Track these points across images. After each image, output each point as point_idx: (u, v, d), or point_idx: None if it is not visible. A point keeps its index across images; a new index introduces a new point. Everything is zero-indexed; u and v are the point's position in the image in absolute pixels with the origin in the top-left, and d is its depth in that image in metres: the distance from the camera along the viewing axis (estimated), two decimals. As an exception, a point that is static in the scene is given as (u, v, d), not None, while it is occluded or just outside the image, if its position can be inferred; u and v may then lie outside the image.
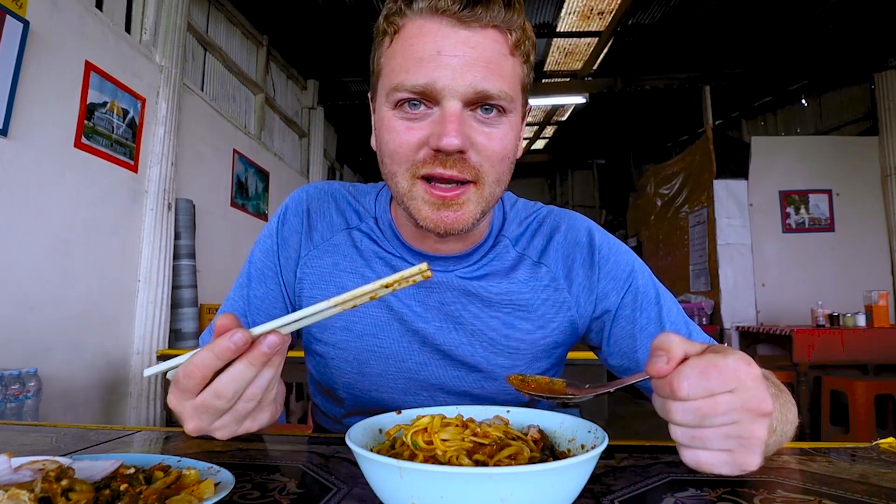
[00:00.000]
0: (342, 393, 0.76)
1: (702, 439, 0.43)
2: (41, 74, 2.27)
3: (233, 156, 4.02)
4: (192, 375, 0.45)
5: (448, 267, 0.71)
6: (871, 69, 4.69)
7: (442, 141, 0.56)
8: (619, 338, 0.73)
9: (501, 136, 0.60)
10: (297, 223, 0.75)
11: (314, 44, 4.72)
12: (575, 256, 0.73)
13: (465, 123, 0.57)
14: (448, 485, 0.35)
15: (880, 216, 4.70)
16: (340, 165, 6.86)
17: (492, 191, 0.61)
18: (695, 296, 5.05)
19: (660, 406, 0.45)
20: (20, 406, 1.86)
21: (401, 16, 0.59)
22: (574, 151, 8.09)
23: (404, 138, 0.59)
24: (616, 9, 4.11)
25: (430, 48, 0.56)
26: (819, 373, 3.47)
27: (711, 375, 0.42)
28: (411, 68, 0.57)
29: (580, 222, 0.77)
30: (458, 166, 0.58)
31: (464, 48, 0.56)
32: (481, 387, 0.72)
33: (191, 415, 0.47)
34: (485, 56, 0.57)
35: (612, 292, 0.73)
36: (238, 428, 0.49)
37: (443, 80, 0.56)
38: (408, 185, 0.60)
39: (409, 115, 0.59)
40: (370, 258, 0.73)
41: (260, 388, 0.47)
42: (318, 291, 0.73)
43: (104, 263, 2.64)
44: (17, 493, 0.35)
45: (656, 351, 0.44)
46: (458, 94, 0.56)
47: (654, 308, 0.72)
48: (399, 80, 0.57)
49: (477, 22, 0.56)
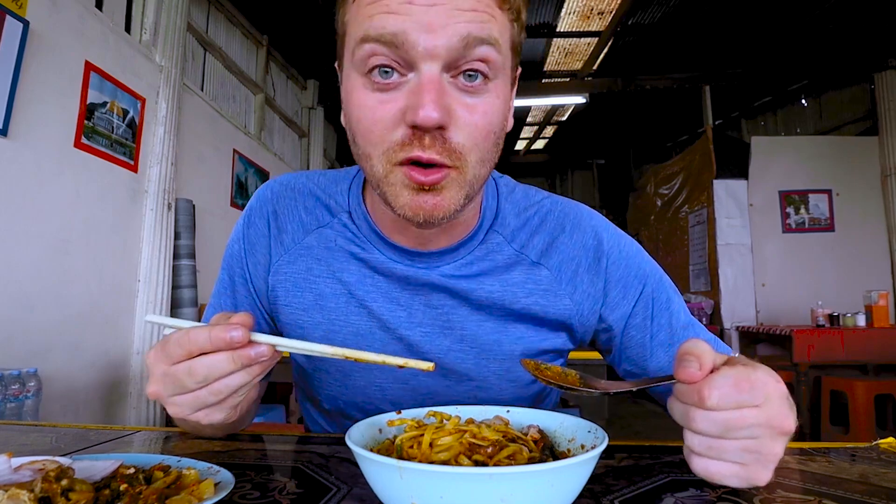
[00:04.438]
0: (326, 405, 0.72)
1: (719, 450, 0.42)
2: (41, 74, 2.27)
3: (233, 156, 4.02)
4: (181, 345, 0.45)
5: (432, 263, 0.64)
6: (870, 69, 4.69)
7: (419, 114, 0.47)
8: (629, 346, 0.69)
9: (486, 108, 0.51)
10: (264, 226, 0.69)
11: (314, 44, 4.72)
12: (580, 261, 0.66)
13: (445, 93, 0.49)
14: (448, 485, 0.35)
15: (880, 216, 4.70)
16: (340, 165, 6.86)
17: (475, 173, 0.53)
18: (695, 296, 5.05)
19: (680, 412, 0.44)
20: (20, 406, 1.86)
21: None
22: (574, 151, 8.09)
23: (378, 114, 0.50)
24: (616, 9, 4.11)
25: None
26: (819, 373, 3.47)
27: (743, 388, 0.41)
28: (377, 16, 0.48)
29: (587, 221, 0.69)
30: (438, 146, 0.50)
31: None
32: (473, 396, 0.67)
33: (158, 378, 0.47)
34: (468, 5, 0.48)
35: (622, 303, 0.67)
36: (190, 413, 0.48)
37: (416, 29, 0.47)
38: (384, 170, 0.52)
39: (381, 85, 0.50)
40: (346, 260, 0.66)
41: (228, 386, 0.46)
42: (293, 299, 0.67)
43: (104, 263, 2.64)
44: (17, 493, 0.35)
45: (686, 356, 0.43)
46: (435, 50, 0.48)
47: (665, 315, 0.68)
48: (364, 29, 0.49)
49: None
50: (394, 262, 0.65)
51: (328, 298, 0.66)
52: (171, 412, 0.49)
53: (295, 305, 0.67)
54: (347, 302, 0.66)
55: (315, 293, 0.67)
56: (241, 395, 0.48)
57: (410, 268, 0.64)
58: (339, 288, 0.66)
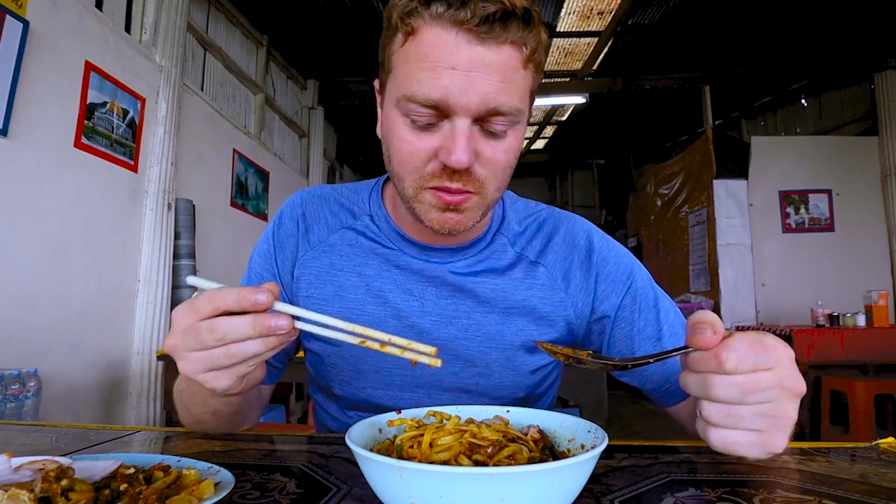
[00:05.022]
0: (338, 390, 0.76)
1: (737, 417, 0.43)
2: (41, 74, 2.27)
3: (233, 156, 4.02)
4: (211, 300, 0.46)
5: (445, 259, 0.72)
6: (870, 69, 4.70)
7: (451, 158, 0.57)
8: (618, 340, 0.73)
9: (506, 147, 0.61)
10: (293, 227, 0.77)
11: (314, 44, 4.72)
12: (573, 258, 0.74)
13: (474, 138, 0.58)
14: (448, 485, 0.35)
15: (880, 216, 4.70)
16: (340, 165, 6.86)
17: (493, 197, 0.64)
18: (695, 296, 5.05)
19: (697, 382, 0.45)
20: (20, 406, 1.86)
21: (416, 17, 0.57)
22: (574, 151, 8.10)
23: (414, 148, 0.60)
24: (616, 9, 4.11)
25: (445, 61, 0.56)
26: (819, 373, 3.47)
27: (759, 350, 0.42)
28: (424, 80, 0.56)
29: (579, 225, 0.78)
30: (464, 180, 0.60)
31: (479, 64, 0.56)
32: (476, 383, 0.72)
33: (179, 332, 0.48)
34: (499, 73, 0.57)
35: (611, 295, 0.73)
36: (200, 372, 0.49)
37: (455, 96, 0.56)
38: (414, 191, 0.62)
39: (420, 125, 0.59)
40: (366, 255, 0.74)
41: (243, 351, 0.47)
42: (315, 291, 0.74)
43: (104, 263, 2.65)
44: (17, 493, 0.35)
45: (699, 324, 0.44)
46: (468, 111, 0.57)
47: (652, 311, 0.73)
48: (411, 91, 0.57)
49: (494, 39, 0.56)
50: (411, 257, 0.73)
51: (348, 290, 0.73)
52: (181, 368, 0.50)
53: (316, 297, 0.74)
54: (365, 293, 0.73)
55: (336, 285, 0.73)
56: (251, 367, 0.50)
57: (425, 262, 0.73)
58: (358, 281, 0.73)
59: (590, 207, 8.55)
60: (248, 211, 4.25)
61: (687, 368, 0.47)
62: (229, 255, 3.86)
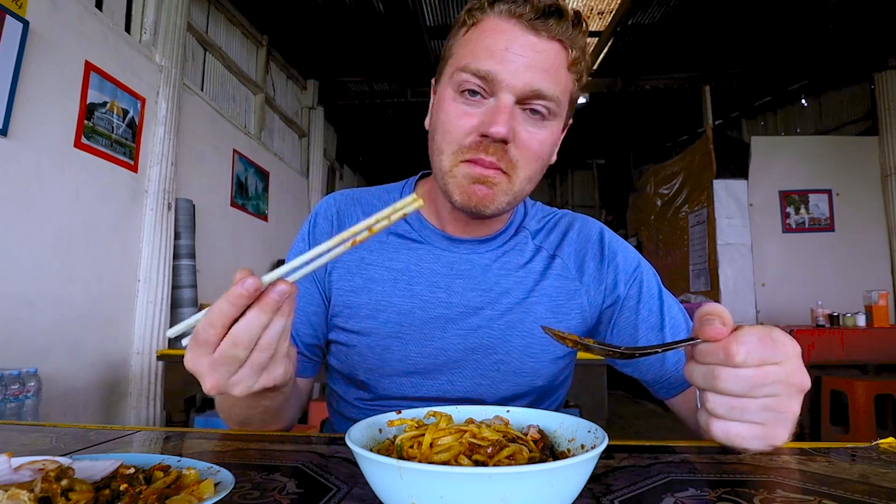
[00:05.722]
0: (363, 377, 0.78)
1: (741, 410, 0.44)
2: (41, 74, 2.27)
3: (233, 156, 4.02)
4: (213, 324, 0.46)
5: (473, 249, 0.77)
6: (870, 69, 4.70)
7: (491, 128, 0.62)
8: (623, 328, 0.76)
9: (541, 137, 0.66)
10: (328, 226, 0.81)
11: (314, 44, 4.72)
12: (587, 251, 0.79)
13: (514, 117, 0.64)
14: (448, 485, 0.35)
15: (880, 216, 4.70)
16: (340, 165, 6.86)
17: (521, 187, 0.68)
18: (695, 296, 5.05)
19: (702, 374, 0.45)
20: (20, 406, 1.86)
21: (482, 11, 0.66)
22: (574, 151, 8.09)
23: (459, 122, 0.65)
24: (616, 9, 4.11)
25: (501, 44, 0.63)
26: (819, 373, 3.47)
27: (767, 344, 0.43)
28: (480, 55, 0.64)
29: (592, 223, 0.84)
30: (498, 154, 0.64)
31: (530, 51, 0.63)
32: (496, 369, 0.75)
33: (208, 370, 0.48)
34: (546, 62, 0.63)
35: (620, 283, 0.78)
36: (255, 382, 0.49)
37: (504, 73, 0.62)
38: (450, 163, 0.67)
39: (468, 101, 0.65)
40: (396, 250, 0.78)
41: (274, 334, 0.47)
42: (346, 283, 0.77)
43: (104, 263, 2.65)
44: (17, 493, 0.35)
45: (708, 316, 0.45)
46: (514, 88, 0.63)
47: (656, 302, 0.76)
48: (466, 62, 0.64)
49: (546, 31, 0.63)
50: (440, 249, 0.78)
51: (377, 282, 0.77)
52: (236, 392, 0.49)
53: (346, 288, 0.77)
54: (394, 286, 0.76)
55: (365, 278, 0.77)
56: (287, 341, 0.50)
57: (453, 254, 0.77)
58: (387, 274, 0.77)
59: (590, 207, 8.55)
60: (248, 211, 4.25)
61: (692, 360, 0.47)
62: (229, 255, 3.86)
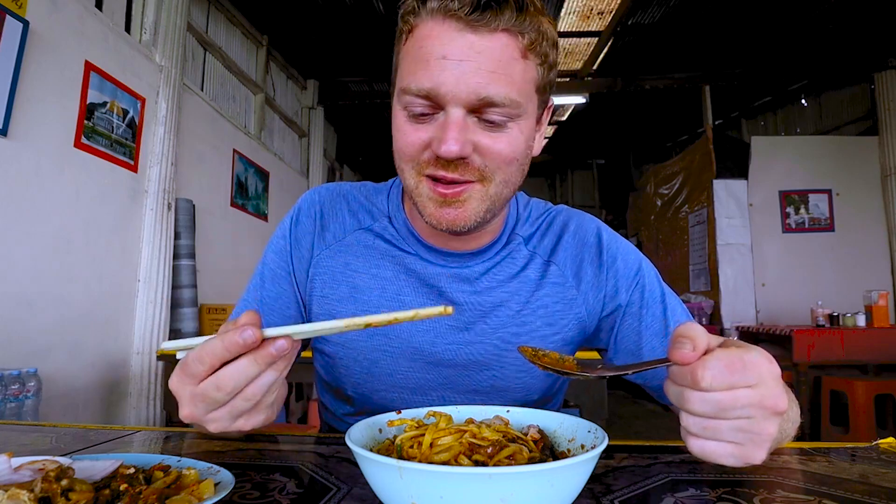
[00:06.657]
0: (350, 391, 0.75)
1: (714, 430, 0.43)
2: (41, 74, 2.27)
3: (233, 156, 4.02)
4: (201, 361, 0.45)
5: (463, 263, 0.72)
6: (870, 69, 4.69)
7: (441, 148, 0.57)
8: (626, 335, 0.73)
9: (508, 139, 0.60)
10: (310, 224, 0.76)
11: (314, 44, 4.72)
12: (584, 255, 0.75)
13: (468, 129, 0.58)
14: (448, 485, 0.35)
15: (880, 216, 4.70)
16: (340, 165, 6.86)
17: (498, 191, 0.62)
18: (695, 296, 5.05)
19: (675, 394, 0.45)
20: (20, 406, 1.86)
21: (415, 15, 0.59)
22: (574, 151, 8.09)
23: (410, 139, 0.60)
24: (616, 9, 4.11)
25: (437, 52, 0.56)
26: (819, 373, 3.47)
27: (735, 369, 0.42)
28: (418, 72, 0.58)
29: (589, 222, 0.78)
30: (460, 170, 0.59)
31: (470, 53, 0.56)
32: (491, 385, 0.72)
33: (188, 400, 0.47)
34: (492, 61, 0.56)
35: (621, 290, 0.73)
36: (230, 424, 0.48)
37: (445, 85, 0.56)
38: (414, 181, 0.62)
39: (417, 119, 0.60)
40: (383, 257, 0.73)
41: (260, 388, 0.46)
42: (330, 291, 0.73)
43: (104, 263, 2.64)
44: (17, 493, 0.35)
45: (680, 339, 0.44)
46: (460, 100, 0.56)
47: (659, 306, 0.73)
48: (406, 83, 0.59)
49: (485, 27, 0.56)
50: (428, 262, 0.72)
51: (363, 291, 0.72)
52: (210, 429, 0.49)
53: (331, 297, 0.73)
54: (381, 295, 0.72)
55: (350, 286, 0.73)
56: (274, 393, 0.49)
57: (442, 267, 0.72)
58: (373, 283, 0.72)
59: (590, 207, 8.54)
60: (248, 211, 4.25)
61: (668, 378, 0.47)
62: (229, 255, 3.85)
